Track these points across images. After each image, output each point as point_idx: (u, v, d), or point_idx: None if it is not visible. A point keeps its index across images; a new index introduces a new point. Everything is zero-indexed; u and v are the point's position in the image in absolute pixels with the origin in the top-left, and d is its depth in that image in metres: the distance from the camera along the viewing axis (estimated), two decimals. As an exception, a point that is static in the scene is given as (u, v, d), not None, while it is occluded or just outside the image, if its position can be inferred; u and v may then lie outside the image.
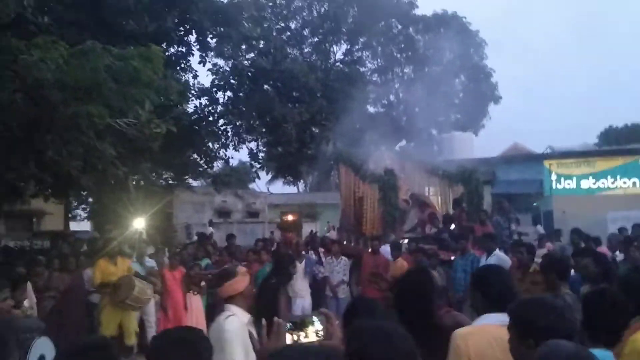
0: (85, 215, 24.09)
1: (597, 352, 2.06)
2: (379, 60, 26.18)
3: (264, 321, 2.12)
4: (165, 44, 13.10)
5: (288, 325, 1.95)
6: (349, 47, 25.68)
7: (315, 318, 1.97)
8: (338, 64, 24.82)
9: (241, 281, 3.24)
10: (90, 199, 18.10)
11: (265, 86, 18.38)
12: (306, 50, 24.47)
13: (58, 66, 6.78)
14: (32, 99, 7.43)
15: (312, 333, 1.94)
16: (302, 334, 1.95)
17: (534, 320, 2.16)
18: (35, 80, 6.92)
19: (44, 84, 6.99)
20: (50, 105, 7.42)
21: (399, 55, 25.76)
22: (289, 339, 1.93)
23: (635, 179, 19.28)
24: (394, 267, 8.59)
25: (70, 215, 20.36)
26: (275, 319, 2.00)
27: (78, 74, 7.08)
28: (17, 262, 8.26)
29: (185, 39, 14.99)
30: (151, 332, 8.57)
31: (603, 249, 8.61)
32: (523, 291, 5.87)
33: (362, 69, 24.85)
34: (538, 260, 6.49)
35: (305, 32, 24.90)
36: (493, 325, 2.58)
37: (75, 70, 7.03)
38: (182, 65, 15.47)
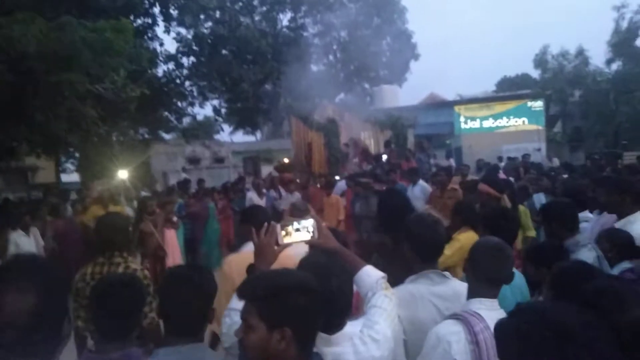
0: (74, 168, 23.08)
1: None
2: (319, 25, 25.54)
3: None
4: (132, 16, 12.32)
5: (279, 226, 1.83)
6: (293, 15, 24.86)
7: (296, 222, 1.83)
8: (284, 30, 24.07)
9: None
10: (77, 154, 17.29)
11: (223, 51, 17.79)
12: (256, 18, 23.50)
13: (38, 39, 6.30)
14: (17, 70, 6.92)
15: (301, 229, 1.80)
16: (294, 224, 1.82)
17: (412, 230, 2.24)
18: (19, 53, 6.43)
19: (27, 55, 6.51)
20: (34, 75, 6.94)
21: (335, 21, 25.17)
22: (281, 233, 1.82)
23: (524, 118, 20.07)
24: (328, 202, 8.44)
25: (60, 169, 19.49)
26: (272, 223, 1.88)
27: (57, 45, 6.62)
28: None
29: (150, 11, 14.14)
30: (135, 262, 8.46)
31: (501, 174, 9.01)
32: (442, 205, 6.09)
33: (305, 34, 24.24)
34: (454, 185, 6.73)
35: (255, 2, 23.85)
36: (249, 252, 2.61)
37: (54, 42, 6.57)
38: (149, 35, 14.67)
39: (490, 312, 1.80)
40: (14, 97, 7.15)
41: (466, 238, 3.36)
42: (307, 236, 1.82)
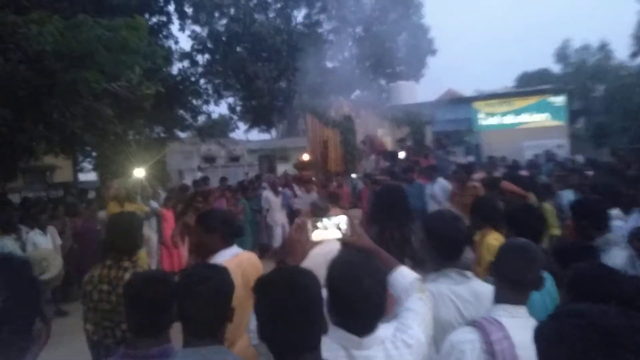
0: (91, 167, 23.43)
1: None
2: (333, 21, 25.43)
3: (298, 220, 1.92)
4: (147, 14, 12.41)
5: (310, 222, 1.81)
6: (307, 11, 24.81)
7: (326, 218, 1.82)
8: (299, 26, 24.03)
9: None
10: (94, 153, 17.56)
11: (238, 48, 17.87)
12: (271, 15, 23.49)
13: (55, 38, 6.36)
14: (34, 69, 7.02)
15: (332, 226, 1.78)
16: (323, 220, 1.79)
17: (431, 227, 2.21)
18: (36, 52, 6.52)
19: (44, 54, 6.60)
20: (51, 73, 7.03)
21: (350, 17, 25.04)
22: (312, 230, 1.79)
23: (545, 114, 19.70)
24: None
25: (78, 168, 19.79)
26: (300, 218, 1.86)
27: (73, 44, 6.68)
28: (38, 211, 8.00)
29: (165, 9, 14.24)
30: (153, 261, 8.58)
31: (523, 172, 8.82)
32: (463, 202, 6.00)
33: (319, 30, 24.17)
34: (474, 183, 6.60)
35: (269, -1, 23.90)
36: (224, 260, 2.57)
37: (70, 41, 6.63)
38: (164, 33, 14.77)
39: (514, 319, 1.72)
40: (32, 96, 7.26)
41: (492, 240, 3.19)
42: (339, 233, 1.79)
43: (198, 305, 1.63)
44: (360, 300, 1.48)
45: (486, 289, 2.00)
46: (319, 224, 1.79)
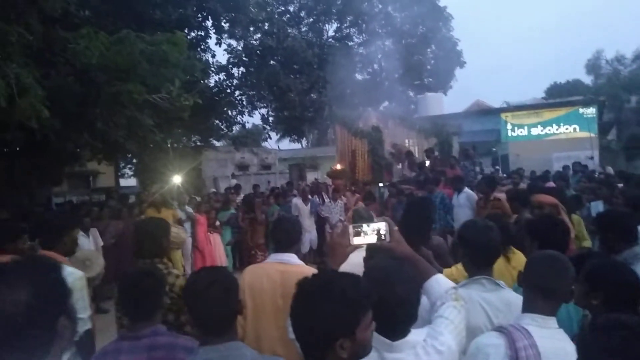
0: (132, 173, 24.05)
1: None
2: (364, 35, 25.44)
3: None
4: (186, 29, 12.70)
5: (351, 227, 1.83)
6: (338, 25, 24.94)
7: (366, 224, 1.83)
8: (330, 40, 24.18)
9: None
10: (134, 160, 18.03)
11: (271, 61, 18.06)
12: (303, 29, 23.75)
13: (101, 53, 6.59)
14: (81, 81, 7.29)
15: (371, 231, 1.79)
16: (363, 226, 1.81)
17: (464, 236, 2.25)
18: (83, 65, 6.77)
19: (90, 68, 6.84)
20: (96, 85, 7.29)
21: (380, 31, 25.01)
22: (353, 234, 1.80)
23: (575, 126, 19.12)
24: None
25: (119, 174, 20.34)
26: (343, 222, 1.92)
27: (117, 58, 6.88)
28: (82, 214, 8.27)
29: (203, 24, 14.54)
30: (187, 263, 8.76)
31: (550, 183, 8.58)
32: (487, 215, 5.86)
33: (350, 44, 24.25)
34: (499, 194, 6.45)
35: (302, 13, 24.13)
36: (270, 263, 2.62)
37: (115, 55, 6.84)
38: (202, 47, 15.07)
39: (543, 329, 1.67)
40: (78, 107, 7.53)
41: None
42: (378, 239, 1.80)
43: (209, 307, 1.69)
44: (394, 306, 1.51)
45: (518, 299, 1.96)
46: (360, 229, 1.81)
